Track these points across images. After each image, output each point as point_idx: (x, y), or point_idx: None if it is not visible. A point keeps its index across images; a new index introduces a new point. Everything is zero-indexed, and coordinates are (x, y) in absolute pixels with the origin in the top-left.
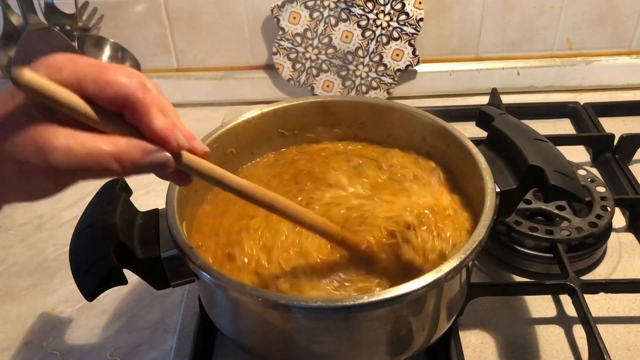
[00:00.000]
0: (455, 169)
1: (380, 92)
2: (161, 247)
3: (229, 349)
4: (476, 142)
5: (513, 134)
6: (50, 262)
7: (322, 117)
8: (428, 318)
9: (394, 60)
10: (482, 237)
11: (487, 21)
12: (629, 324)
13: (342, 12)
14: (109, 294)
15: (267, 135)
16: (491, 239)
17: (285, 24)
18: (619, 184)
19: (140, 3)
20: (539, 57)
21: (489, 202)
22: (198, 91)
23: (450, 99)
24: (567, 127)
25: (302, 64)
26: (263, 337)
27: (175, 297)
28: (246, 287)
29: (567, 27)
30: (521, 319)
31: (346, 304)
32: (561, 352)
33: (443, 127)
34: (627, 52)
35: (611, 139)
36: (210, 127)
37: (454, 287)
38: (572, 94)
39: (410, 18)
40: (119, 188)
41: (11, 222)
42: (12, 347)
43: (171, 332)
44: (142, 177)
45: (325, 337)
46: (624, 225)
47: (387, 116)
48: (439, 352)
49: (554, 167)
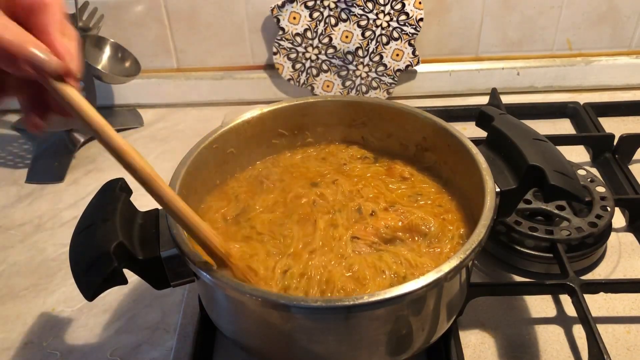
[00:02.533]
0: (455, 169)
1: (380, 92)
2: (161, 247)
3: (229, 349)
4: (476, 142)
5: (513, 133)
6: (50, 262)
7: (322, 118)
8: (428, 318)
9: (394, 60)
10: (482, 237)
11: (487, 21)
12: (629, 324)
13: (342, 12)
14: (109, 294)
15: (267, 135)
16: (491, 239)
17: (285, 24)
18: (619, 184)
19: (140, 3)
20: (538, 57)
21: (489, 202)
22: (198, 91)
23: (450, 99)
24: (567, 127)
25: (302, 64)
26: (263, 337)
27: (175, 297)
28: (246, 287)
29: (567, 27)
30: (521, 319)
31: (346, 304)
32: (561, 352)
33: (443, 127)
34: (627, 52)
35: (611, 139)
36: (210, 127)
37: (454, 287)
38: (572, 94)
39: (410, 18)
40: (119, 188)
41: (11, 222)
42: (12, 347)
43: (171, 332)
44: None
45: (325, 337)
46: (623, 225)
47: (387, 116)
48: (439, 352)
49: (553, 167)
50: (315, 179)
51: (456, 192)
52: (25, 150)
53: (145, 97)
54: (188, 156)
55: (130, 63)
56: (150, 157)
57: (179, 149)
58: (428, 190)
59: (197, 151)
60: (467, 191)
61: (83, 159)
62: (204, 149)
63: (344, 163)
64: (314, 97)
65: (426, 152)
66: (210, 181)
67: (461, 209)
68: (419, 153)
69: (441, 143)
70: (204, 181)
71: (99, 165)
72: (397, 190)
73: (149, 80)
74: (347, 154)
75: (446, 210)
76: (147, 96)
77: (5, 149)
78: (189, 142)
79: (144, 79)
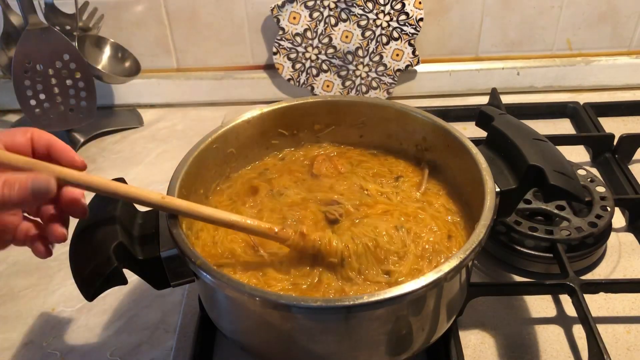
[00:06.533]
0: (455, 169)
1: (380, 92)
2: (161, 247)
3: (229, 349)
4: (476, 142)
5: (513, 133)
6: (50, 262)
7: (322, 117)
8: (428, 318)
9: (394, 60)
10: (482, 237)
11: (487, 21)
12: (629, 324)
13: (342, 12)
14: (109, 294)
15: (267, 135)
16: (491, 239)
17: (285, 24)
18: (619, 184)
19: (140, 3)
20: (538, 57)
21: (489, 202)
22: (198, 91)
23: (450, 99)
24: (567, 127)
25: (302, 64)
26: (263, 337)
27: (175, 297)
28: (246, 287)
29: (567, 27)
30: (521, 319)
31: (346, 304)
32: (561, 352)
33: (443, 127)
34: (627, 52)
35: (611, 139)
36: (210, 127)
37: (454, 287)
38: (572, 94)
39: (410, 18)
40: None
41: None
42: (12, 347)
43: (171, 332)
44: (143, 177)
45: (325, 337)
46: (623, 225)
47: (387, 116)
48: (439, 352)
49: (553, 167)
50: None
51: (456, 192)
52: None
53: (145, 97)
54: (188, 156)
55: (130, 63)
56: (150, 157)
57: (179, 149)
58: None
59: (197, 151)
60: (466, 191)
61: (83, 159)
62: (204, 149)
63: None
64: (314, 97)
65: (426, 152)
66: (210, 181)
67: (461, 209)
68: (419, 153)
69: (441, 143)
70: (204, 181)
71: (99, 165)
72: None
73: (149, 80)
74: (347, 154)
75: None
76: (147, 96)
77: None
78: (189, 142)
79: (144, 79)
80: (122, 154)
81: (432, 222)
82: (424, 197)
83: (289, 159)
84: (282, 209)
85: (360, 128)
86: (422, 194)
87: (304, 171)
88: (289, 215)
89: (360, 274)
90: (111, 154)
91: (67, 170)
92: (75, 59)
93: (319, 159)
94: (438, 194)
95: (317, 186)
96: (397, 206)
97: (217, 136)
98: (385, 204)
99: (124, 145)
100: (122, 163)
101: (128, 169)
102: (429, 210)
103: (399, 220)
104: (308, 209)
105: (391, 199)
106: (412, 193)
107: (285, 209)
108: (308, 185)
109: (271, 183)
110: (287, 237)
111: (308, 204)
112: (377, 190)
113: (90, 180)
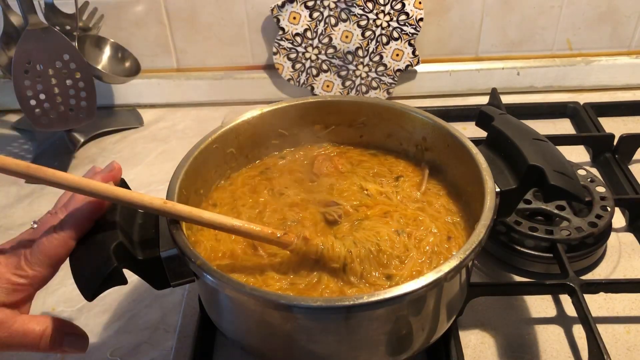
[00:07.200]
0: (455, 169)
1: (380, 92)
2: (161, 247)
3: (229, 349)
4: (476, 142)
5: (513, 133)
6: None
7: (322, 117)
8: (428, 318)
9: (394, 60)
10: (482, 237)
11: (487, 21)
12: (629, 324)
13: (342, 12)
14: (109, 294)
15: (267, 135)
16: (491, 239)
17: (285, 24)
18: (619, 184)
19: (140, 3)
20: (538, 57)
21: (489, 202)
22: (198, 91)
23: (450, 99)
24: (567, 127)
25: (302, 64)
26: (263, 337)
27: (175, 297)
28: (246, 287)
29: (567, 27)
30: (521, 319)
31: (346, 304)
32: (561, 352)
33: (443, 127)
34: (627, 52)
35: (611, 139)
36: (210, 127)
37: (454, 287)
38: (572, 94)
39: (410, 18)
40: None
41: (11, 222)
42: None
43: (171, 332)
44: (143, 177)
45: (325, 337)
46: (623, 225)
47: (387, 116)
48: (439, 352)
49: (553, 167)
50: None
51: (456, 192)
52: (25, 150)
53: (145, 97)
54: (188, 156)
55: (130, 63)
56: (150, 157)
57: (179, 149)
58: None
59: (197, 151)
60: (466, 191)
61: (83, 159)
62: (204, 149)
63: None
64: (313, 97)
65: (426, 152)
66: (210, 181)
67: (461, 208)
68: (419, 153)
69: (441, 143)
70: (204, 181)
71: (99, 166)
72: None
73: (149, 80)
74: (347, 154)
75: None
76: (147, 96)
77: (5, 149)
78: (189, 142)
79: (144, 79)
80: (122, 154)
81: (432, 224)
82: (424, 197)
83: (289, 159)
84: (282, 209)
85: (360, 128)
86: (422, 194)
87: (304, 171)
88: (289, 216)
89: (362, 278)
90: (111, 154)
91: (66, 177)
92: (75, 59)
93: (319, 159)
94: (438, 194)
95: (317, 186)
96: (397, 207)
97: (217, 136)
98: (385, 204)
99: (124, 145)
100: (122, 163)
101: (128, 169)
102: (429, 210)
103: (400, 223)
104: (307, 210)
105: (391, 199)
106: (412, 193)
107: (285, 209)
108: (308, 185)
109: (271, 183)
110: (290, 242)
111: (308, 204)
112: (377, 190)
113: (91, 186)
